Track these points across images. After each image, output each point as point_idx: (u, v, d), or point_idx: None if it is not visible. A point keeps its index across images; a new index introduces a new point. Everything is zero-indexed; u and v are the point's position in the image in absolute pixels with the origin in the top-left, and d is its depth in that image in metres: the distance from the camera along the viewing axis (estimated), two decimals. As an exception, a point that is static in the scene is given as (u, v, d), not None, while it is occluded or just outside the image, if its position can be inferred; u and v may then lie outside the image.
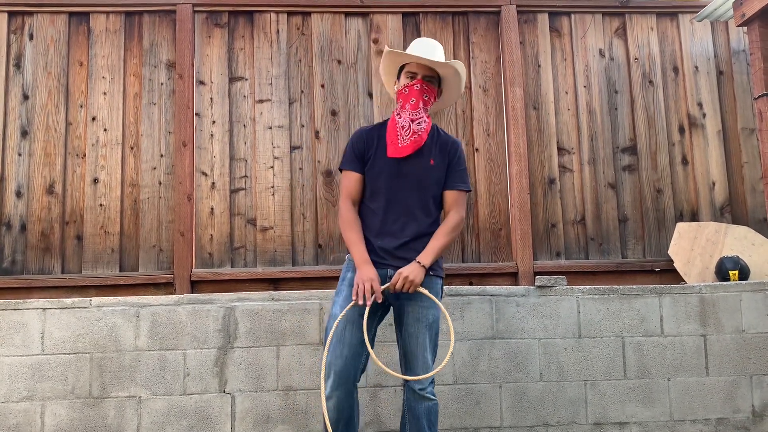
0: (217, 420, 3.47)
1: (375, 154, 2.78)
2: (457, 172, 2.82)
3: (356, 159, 2.80)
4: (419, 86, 2.76)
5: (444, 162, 2.80)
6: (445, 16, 4.16)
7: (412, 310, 2.67)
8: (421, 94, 2.76)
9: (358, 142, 2.82)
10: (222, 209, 3.89)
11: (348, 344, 2.60)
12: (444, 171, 2.80)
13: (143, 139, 3.93)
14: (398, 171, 2.74)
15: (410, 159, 2.75)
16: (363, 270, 2.63)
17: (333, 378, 2.57)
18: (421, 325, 2.65)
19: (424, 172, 2.75)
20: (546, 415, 3.57)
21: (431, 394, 2.63)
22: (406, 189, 2.73)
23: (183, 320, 3.54)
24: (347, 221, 2.76)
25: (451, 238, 2.75)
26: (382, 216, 2.73)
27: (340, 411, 2.58)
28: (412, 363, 2.66)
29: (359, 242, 2.70)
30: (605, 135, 4.13)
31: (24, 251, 3.79)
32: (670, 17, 4.28)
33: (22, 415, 3.42)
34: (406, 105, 2.76)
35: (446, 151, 2.82)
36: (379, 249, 2.71)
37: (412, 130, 2.72)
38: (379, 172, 2.76)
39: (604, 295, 3.69)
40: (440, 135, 2.86)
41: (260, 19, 4.08)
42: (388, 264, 2.70)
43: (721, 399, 3.62)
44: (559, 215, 4.03)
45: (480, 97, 4.09)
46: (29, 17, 3.98)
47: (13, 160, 3.85)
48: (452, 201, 2.79)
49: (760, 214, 4.09)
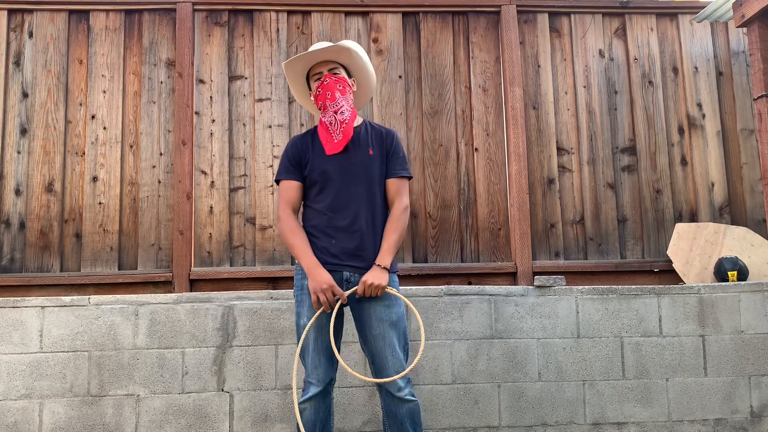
0: (216, 418, 3.47)
1: (312, 157, 2.75)
2: (396, 160, 2.79)
3: (292, 167, 2.76)
4: (328, 80, 2.75)
5: (382, 152, 2.78)
6: (444, 15, 4.16)
7: (374, 311, 2.63)
8: (335, 86, 2.75)
9: (292, 150, 2.79)
10: (221, 208, 3.89)
11: (322, 351, 2.61)
12: (383, 161, 2.78)
13: (143, 138, 3.93)
14: (340, 166, 2.71)
15: (350, 152, 2.73)
16: (318, 275, 2.58)
17: (315, 385, 2.60)
18: (385, 324, 2.61)
19: (365, 164, 2.73)
20: (544, 415, 3.57)
21: (410, 395, 2.59)
22: (351, 183, 2.70)
23: (182, 319, 3.54)
24: (290, 228, 2.69)
25: (402, 230, 2.71)
26: (331, 214, 2.69)
27: (318, 412, 2.61)
28: (383, 366, 2.60)
29: (306, 247, 2.65)
30: (605, 135, 4.13)
31: (23, 249, 3.79)
32: (669, 18, 4.28)
33: (20, 413, 3.42)
34: (326, 102, 2.74)
35: (382, 141, 2.80)
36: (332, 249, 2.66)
37: (339, 120, 2.71)
38: (321, 172, 2.72)
39: (602, 295, 3.70)
40: (374, 127, 2.85)
41: (260, 18, 4.08)
42: (343, 264, 2.65)
43: (719, 399, 3.62)
44: (558, 215, 4.03)
45: (479, 96, 4.09)
46: (29, 15, 3.98)
47: (13, 158, 3.85)
48: (395, 189, 2.76)
49: (759, 215, 4.10)
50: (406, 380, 2.60)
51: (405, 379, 2.59)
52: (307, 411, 2.60)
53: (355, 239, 2.67)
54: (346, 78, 2.83)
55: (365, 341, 2.67)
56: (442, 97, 4.08)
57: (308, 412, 2.60)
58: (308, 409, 2.60)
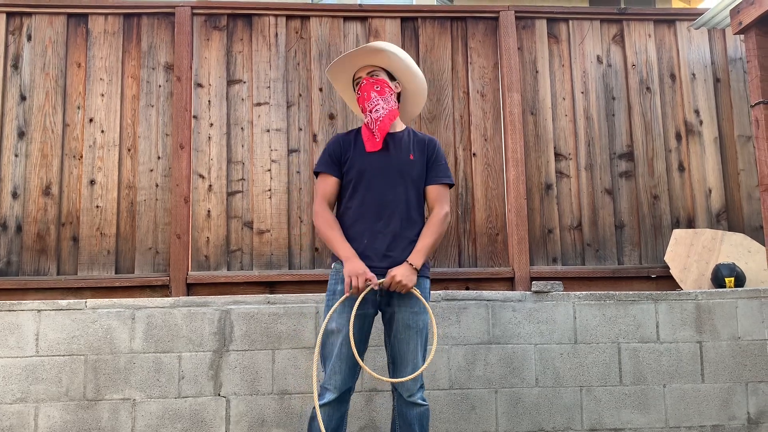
0: (212, 423, 3.46)
1: (353, 155, 2.76)
2: (437, 167, 2.80)
3: (333, 163, 2.78)
4: (365, 82, 2.78)
5: (423, 158, 2.79)
6: (443, 21, 4.17)
7: (402, 317, 2.64)
8: (371, 87, 2.76)
9: (334, 145, 2.81)
10: (219, 212, 3.89)
11: (345, 358, 2.60)
12: (423, 167, 2.78)
13: (140, 141, 3.92)
14: (379, 166, 2.72)
15: (390, 153, 2.75)
16: (353, 263, 2.59)
17: (331, 391, 2.59)
18: (412, 332, 2.63)
19: (405, 166, 2.74)
20: (542, 421, 3.57)
21: (421, 399, 2.62)
22: (388, 184, 2.71)
23: (178, 323, 3.53)
24: (326, 221, 2.71)
25: (439, 235, 2.71)
26: (365, 214, 2.69)
27: (331, 419, 2.61)
28: (401, 368, 2.63)
29: (342, 239, 2.66)
30: (602, 141, 4.13)
31: (19, 252, 3.78)
32: (667, 24, 4.30)
33: (15, 417, 3.40)
34: (365, 104, 2.76)
35: (424, 148, 2.81)
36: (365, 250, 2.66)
37: (373, 119, 2.73)
38: (360, 170, 2.73)
39: (600, 301, 3.70)
40: (416, 134, 2.87)
41: (259, 23, 4.08)
42: (374, 266, 2.64)
43: (716, 406, 3.62)
44: (555, 221, 4.03)
45: (478, 102, 4.10)
46: (27, 18, 3.98)
47: (10, 161, 3.85)
48: (435, 196, 2.77)
49: (757, 221, 4.10)
50: (419, 385, 2.62)
51: (418, 384, 2.61)
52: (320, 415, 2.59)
53: (387, 240, 2.67)
54: (386, 80, 2.82)
55: (389, 343, 2.70)
56: (440, 102, 4.08)
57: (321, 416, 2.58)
58: (321, 413, 2.59)
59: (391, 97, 2.80)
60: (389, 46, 2.81)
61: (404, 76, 2.90)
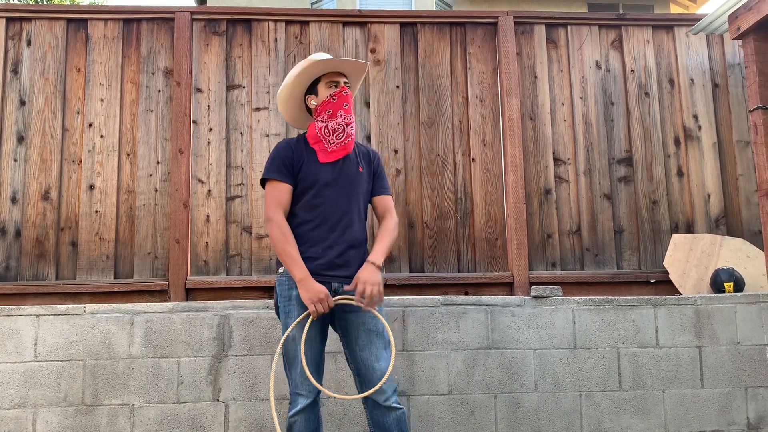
0: (211, 429, 3.45)
1: (306, 163, 2.72)
2: (382, 178, 2.87)
3: (286, 170, 2.71)
4: (347, 92, 2.77)
5: (369, 170, 2.83)
6: (442, 26, 4.18)
7: (361, 321, 2.63)
8: (351, 99, 2.79)
9: (286, 151, 2.73)
10: (218, 217, 3.89)
11: (311, 362, 2.60)
12: (370, 179, 2.83)
13: (140, 146, 3.93)
14: (332, 177, 2.72)
15: (342, 164, 2.75)
16: (311, 287, 2.55)
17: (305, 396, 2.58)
18: (373, 335, 2.61)
19: (356, 178, 2.77)
20: (541, 426, 3.56)
21: (396, 403, 2.58)
22: (341, 195, 2.71)
23: (177, 328, 3.53)
24: (283, 233, 2.62)
25: (393, 239, 2.76)
26: (321, 224, 2.67)
27: (309, 423, 2.60)
28: (370, 376, 2.59)
29: (298, 257, 2.60)
30: (601, 146, 4.14)
31: (18, 257, 3.77)
32: (665, 30, 4.31)
33: (13, 422, 3.39)
34: (339, 112, 2.73)
35: (370, 160, 2.86)
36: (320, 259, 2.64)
37: (347, 132, 2.73)
38: (313, 180, 2.70)
39: (599, 306, 3.69)
40: (359, 146, 2.90)
41: (258, 28, 4.09)
42: (331, 276, 2.64)
43: (716, 411, 3.61)
44: (554, 226, 4.03)
45: (477, 107, 4.11)
46: (27, 23, 3.99)
47: (9, 166, 3.85)
48: (384, 205, 2.83)
49: (756, 226, 4.11)
50: (393, 389, 2.59)
51: (391, 387, 2.58)
52: (298, 423, 2.59)
53: (342, 251, 2.67)
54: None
55: (351, 353, 2.67)
56: (439, 108, 4.09)
57: (299, 424, 2.59)
58: (299, 421, 2.59)
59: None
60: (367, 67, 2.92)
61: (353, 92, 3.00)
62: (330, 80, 2.81)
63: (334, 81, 2.80)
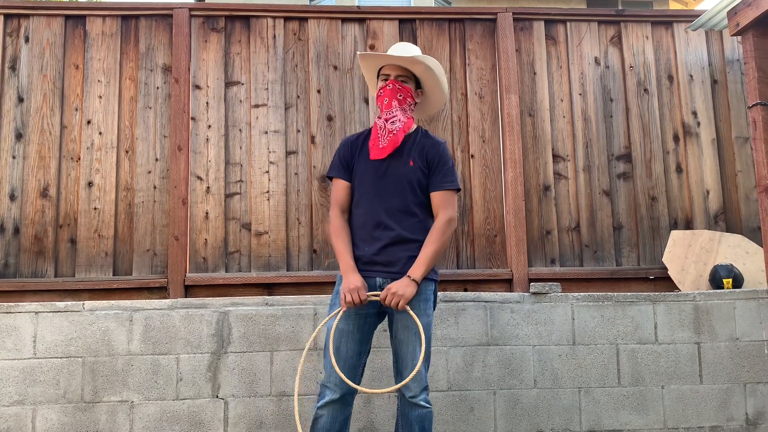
0: (210, 425, 3.45)
1: (359, 160, 2.78)
2: (441, 172, 2.75)
3: (342, 167, 2.80)
4: (391, 86, 2.76)
5: (424, 163, 2.75)
6: (441, 22, 4.17)
7: (401, 318, 2.64)
8: (394, 94, 2.75)
9: (344, 149, 2.84)
10: (217, 214, 3.88)
11: (344, 358, 2.61)
12: (425, 173, 2.75)
13: (138, 143, 3.92)
14: (380, 173, 2.73)
15: (391, 160, 2.73)
16: (348, 278, 2.61)
17: (331, 390, 2.58)
18: (410, 333, 2.62)
19: (404, 174, 2.72)
20: (540, 422, 3.57)
21: (424, 401, 2.59)
22: (387, 192, 2.71)
23: (176, 325, 3.53)
24: (334, 229, 2.75)
25: (443, 242, 2.67)
26: (367, 221, 2.71)
27: (335, 421, 2.60)
28: (402, 369, 2.64)
29: (345, 251, 2.68)
30: (600, 142, 4.14)
31: (17, 254, 3.77)
32: (665, 26, 4.30)
33: (12, 419, 3.39)
34: (382, 106, 2.77)
35: (426, 152, 2.77)
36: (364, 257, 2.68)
37: (387, 129, 2.73)
38: (362, 177, 2.75)
39: (598, 302, 3.70)
40: (423, 137, 2.82)
41: (257, 24, 4.08)
42: (375, 272, 2.67)
43: (714, 407, 3.62)
44: (554, 222, 4.03)
45: (476, 103, 4.10)
46: (25, 20, 3.98)
47: (7, 163, 3.84)
48: (439, 202, 2.73)
49: (754, 222, 4.11)
50: (422, 387, 2.59)
51: (421, 386, 2.59)
52: (323, 418, 2.59)
53: (385, 247, 2.67)
54: (412, 89, 2.81)
55: (392, 346, 2.71)
56: (438, 104, 4.08)
57: (324, 419, 2.59)
58: (324, 416, 2.59)
59: (410, 108, 2.80)
60: (433, 63, 2.81)
61: (432, 91, 2.91)
62: (383, 74, 2.83)
63: (385, 74, 2.80)
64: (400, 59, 2.77)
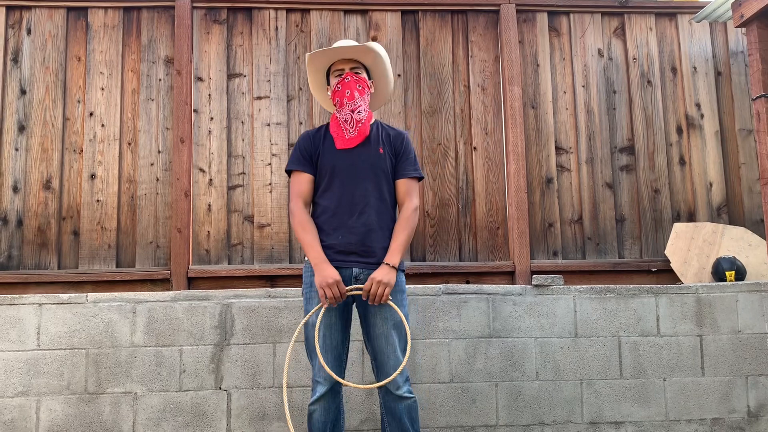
0: (213, 417, 3.47)
1: (323, 151, 2.76)
2: (406, 161, 2.80)
3: (305, 160, 2.77)
4: (349, 78, 2.77)
5: (392, 152, 2.79)
6: (444, 14, 4.16)
7: (379, 310, 2.63)
8: (354, 84, 2.77)
9: (305, 142, 2.81)
10: (219, 206, 3.89)
11: (331, 349, 2.62)
12: (393, 161, 2.78)
13: (141, 135, 3.92)
14: (350, 162, 2.72)
15: (360, 149, 2.74)
16: (324, 270, 2.58)
17: (322, 384, 2.59)
18: (389, 324, 2.62)
19: (375, 161, 2.74)
20: (542, 414, 3.58)
21: (408, 392, 2.61)
22: (359, 179, 2.70)
23: (179, 316, 3.54)
24: (301, 222, 2.69)
25: (411, 229, 2.71)
26: (339, 210, 2.69)
27: (328, 413, 2.61)
28: (383, 364, 2.62)
29: (315, 242, 2.65)
30: (603, 135, 4.13)
31: (20, 246, 3.78)
32: (668, 18, 4.28)
33: (17, 410, 3.41)
34: (344, 100, 2.76)
35: (392, 141, 2.81)
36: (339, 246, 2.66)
37: (355, 120, 2.73)
38: (331, 167, 2.73)
39: (600, 294, 3.70)
40: (385, 127, 2.86)
41: (259, 16, 4.07)
42: (351, 261, 2.66)
43: (716, 399, 3.63)
44: (556, 214, 4.03)
45: (478, 95, 4.09)
46: (27, 12, 3.97)
47: (10, 155, 3.85)
48: (405, 189, 2.76)
49: (757, 215, 4.10)
50: (404, 378, 2.60)
51: (404, 377, 2.60)
52: (317, 412, 2.60)
53: (362, 236, 2.66)
54: (366, 79, 2.84)
55: (369, 339, 2.69)
56: (441, 96, 4.08)
57: (318, 413, 2.60)
58: (318, 410, 2.60)
59: (368, 97, 2.83)
60: (380, 49, 2.85)
61: (380, 78, 2.93)
62: (335, 69, 2.84)
63: (339, 70, 2.82)
64: (353, 49, 2.80)
